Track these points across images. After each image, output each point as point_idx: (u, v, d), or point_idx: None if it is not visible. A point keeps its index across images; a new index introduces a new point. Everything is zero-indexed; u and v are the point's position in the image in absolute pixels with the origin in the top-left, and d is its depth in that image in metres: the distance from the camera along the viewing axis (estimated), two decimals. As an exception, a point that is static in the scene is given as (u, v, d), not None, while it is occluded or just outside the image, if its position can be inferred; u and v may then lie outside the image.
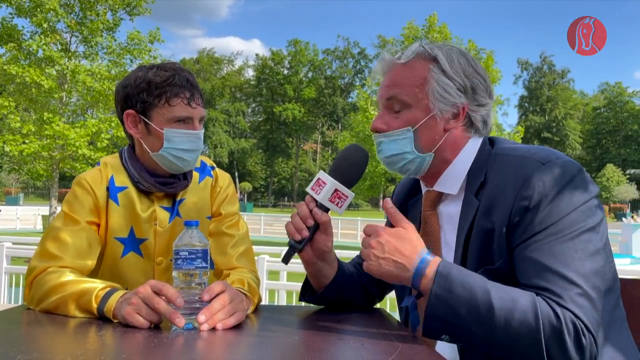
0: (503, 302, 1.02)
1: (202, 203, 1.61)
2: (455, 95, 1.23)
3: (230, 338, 1.10)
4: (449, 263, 1.10)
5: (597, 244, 1.08)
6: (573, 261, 1.05)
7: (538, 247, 1.07)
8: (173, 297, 1.11)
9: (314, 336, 1.15)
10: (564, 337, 0.99)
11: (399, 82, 1.26)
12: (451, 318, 1.04)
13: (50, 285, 1.29)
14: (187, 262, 1.13)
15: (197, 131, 1.50)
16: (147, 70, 1.48)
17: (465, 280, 1.05)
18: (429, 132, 1.25)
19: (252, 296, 1.37)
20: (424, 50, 1.26)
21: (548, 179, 1.09)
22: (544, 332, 1.00)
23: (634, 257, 14.11)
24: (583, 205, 1.09)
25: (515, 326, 1.01)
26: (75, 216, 1.46)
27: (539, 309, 1.01)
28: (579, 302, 1.02)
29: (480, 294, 1.03)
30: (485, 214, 1.16)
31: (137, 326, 1.12)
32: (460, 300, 1.04)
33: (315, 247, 1.32)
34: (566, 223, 1.07)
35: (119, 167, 1.55)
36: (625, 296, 1.45)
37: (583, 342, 1.00)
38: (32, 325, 1.21)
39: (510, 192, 1.12)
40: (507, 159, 1.18)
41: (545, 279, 1.05)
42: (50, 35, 14.47)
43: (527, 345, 1.01)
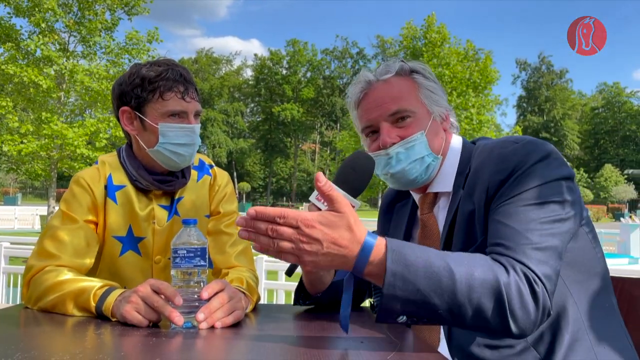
0: (461, 264, 0.96)
1: (201, 201, 1.61)
2: (443, 98, 1.34)
3: (228, 336, 1.09)
4: (397, 240, 0.99)
5: (562, 214, 1.09)
6: (531, 222, 1.07)
7: (502, 210, 1.11)
8: (172, 296, 1.11)
9: (313, 334, 1.15)
10: (520, 287, 0.97)
11: (396, 94, 1.29)
12: (411, 294, 0.94)
13: (48, 284, 1.29)
14: (186, 261, 1.12)
15: (192, 125, 1.49)
16: (141, 66, 1.49)
17: (419, 249, 0.98)
18: (435, 134, 1.31)
19: (250, 295, 1.36)
20: (402, 64, 1.33)
21: (522, 153, 1.14)
22: (504, 286, 0.97)
23: (632, 257, 14.12)
24: (554, 181, 1.12)
25: (477, 287, 0.95)
26: (73, 215, 1.45)
27: (494, 265, 1.00)
28: (530, 254, 1.02)
29: (437, 260, 0.96)
30: (467, 197, 1.21)
31: (135, 324, 1.12)
32: (419, 272, 0.94)
33: None
34: (535, 192, 1.10)
35: (117, 165, 1.54)
36: (625, 295, 1.46)
37: (537, 291, 0.98)
38: (30, 323, 1.21)
39: (486, 171, 1.18)
40: (486, 146, 1.25)
41: (501, 236, 1.07)
42: (49, 35, 14.46)
43: (493, 305, 0.95)
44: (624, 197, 55.03)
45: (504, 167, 1.14)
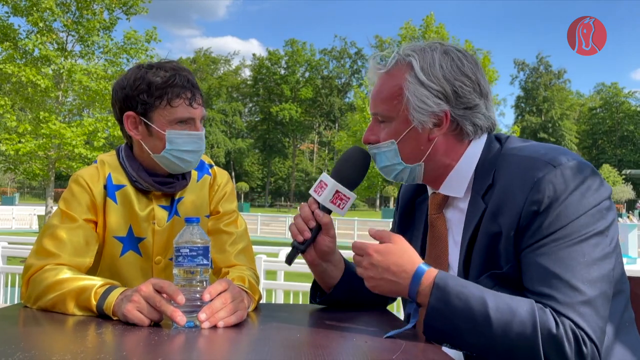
0: (500, 313, 1.00)
1: (201, 201, 1.59)
2: (433, 105, 1.18)
3: (231, 336, 1.09)
4: (446, 274, 1.07)
5: (606, 248, 1.05)
6: (579, 266, 1.02)
7: (544, 251, 1.05)
8: (174, 295, 1.10)
9: (316, 334, 1.14)
10: (564, 346, 0.97)
11: (379, 95, 1.25)
12: (448, 330, 1.03)
13: (48, 283, 1.28)
14: (188, 260, 1.11)
15: (200, 132, 1.48)
16: (145, 70, 1.45)
17: (462, 291, 1.03)
18: (412, 143, 1.22)
19: (252, 294, 1.36)
20: (401, 57, 1.23)
21: (558, 182, 1.06)
22: (542, 342, 0.97)
23: (630, 256, 14.15)
24: (593, 208, 1.06)
25: (512, 337, 0.99)
26: (72, 214, 1.44)
27: (537, 319, 0.99)
28: (581, 311, 0.99)
29: (476, 305, 1.01)
30: (492, 217, 1.13)
31: (137, 324, 1.11)
32: (456, 312, 1.02)
33: (317, 248, 1.32)
34: (575, 227, 1.04)
35: (116, 165, 1.53)
36: (631, 295, 1.44)
37: (584, 351, 0.98)
38: (29, 323, 1.20)
39: (519, 196, 1.08)
40: (515, 160, 1.14)
41: (548, 285, 1.02)
42: (47, 35, 14.41)
43: (526, 356, 0.99)
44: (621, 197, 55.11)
45: (539, 198, 1.06)
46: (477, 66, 1.22)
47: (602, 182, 1.10)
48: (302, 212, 1.28)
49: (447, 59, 1.20)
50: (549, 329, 0.98)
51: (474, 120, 1.21)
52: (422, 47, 1.23)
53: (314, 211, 1.27)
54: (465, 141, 1.23)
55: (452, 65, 1.19)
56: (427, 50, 1.21)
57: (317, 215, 1.27)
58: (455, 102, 1.19)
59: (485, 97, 1.22)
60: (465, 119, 1.20)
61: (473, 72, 1.21)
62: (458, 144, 1.23)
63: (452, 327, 1.03)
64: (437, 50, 1.21)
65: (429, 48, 1.22)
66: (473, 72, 1.21)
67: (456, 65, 1.20)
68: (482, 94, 1.21)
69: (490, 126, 1.25)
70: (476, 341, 1.02)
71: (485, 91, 1.22)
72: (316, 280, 1.44)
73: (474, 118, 1.21)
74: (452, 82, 1.18)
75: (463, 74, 1.19)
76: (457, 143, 1.23)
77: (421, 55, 1.21)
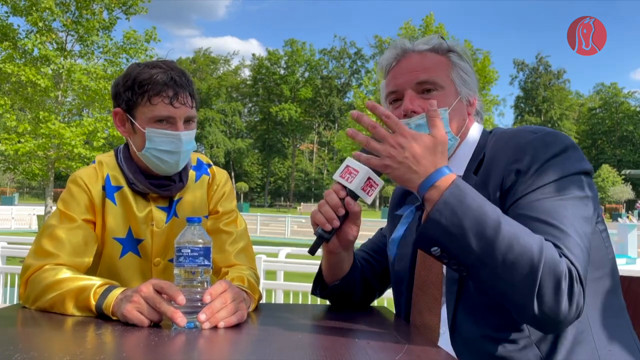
0: (511, 227, 0.99)
1: (200, 202, 1.58)
2: (474, 82, 1.30)
3: (231, 336, 1.07)
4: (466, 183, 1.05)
5: (585, 212, 1.07)
6: (565, 217, 1.04)
7: (529, 204, 1.07)
8: (174, 295, 1.08)
9: (318, 335, 1.13)
10: (562, 277, 0.97)
11: (428, 66, 1.26)
12: (453, 227, 0.99)
13: (47, 283, 1.27)
14: (189, 260, 1.10)
15: (178, 132, 1.43)
16: (136, 67, 1.45)
17: (480, 197, 1.03)
18: (458, 115, 1.27)
19: (252, 294, 1.34)
20: (442, 41, 1.30)
21: (539, 145, 1.11)
22: (544, 267, 0.96)
23: (629, 257, 14.14)
24: (574, 175, 1.10)
25: (516, 251, 0.96)
26: (71, 214, 1.43)
27: (544, 243, 0.99)
28: (575, 252, 1.00)
29: (491, 212, 1.00)
30: (482, 186, 1.16)
31: (137, 324, 1.09)
32: (468, 212, 0.99)
33: (342, 237, 1.27)
34: (556, 186, 1.07)
35: (115, 166, 1.52)
36: (631, 294, 1.44)
37: (575, 289, 0.98)
38: (28, 324, 1.19)
39: (502, 159, 1.14)
40: (503, 135, 1.22)
41: (541, 230, 1.03)
42: (46, 34, 14.38)
43: (523, 275, 0.96)
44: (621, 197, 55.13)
45: (520, 157, 1.11)
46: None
47: (583, 157, 1.15)
48: (330, 199, 1.19)
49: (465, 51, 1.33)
50: (553, 255, 0.98)
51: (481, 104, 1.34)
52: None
53: (344, 198, 1.18)
54: (473, 121, 1.32)
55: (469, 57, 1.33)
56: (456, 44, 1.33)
57: (349, 203, 1.18)
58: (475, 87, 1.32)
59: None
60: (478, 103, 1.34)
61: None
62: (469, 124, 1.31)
63: (457, 225, 0.99)
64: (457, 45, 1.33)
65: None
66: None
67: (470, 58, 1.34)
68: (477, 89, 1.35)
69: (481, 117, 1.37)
70: (476, 246, 0.98)
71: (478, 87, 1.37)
72: (322, 273, 1.40)
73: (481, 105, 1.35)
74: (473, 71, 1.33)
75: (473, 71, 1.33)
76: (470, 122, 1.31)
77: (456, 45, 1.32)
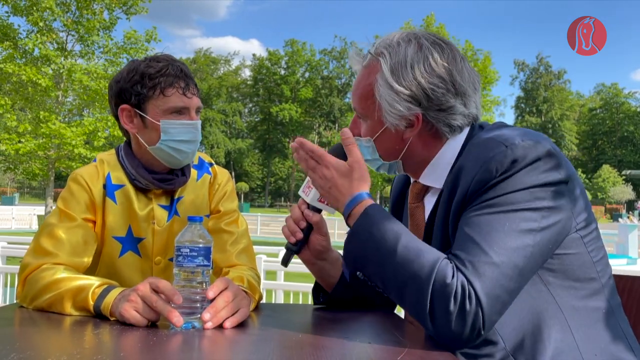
0: (407, 250, 1.02)
1: (201, 201, 1.57)
2: (403, 109, 1.15)
3: (231, 336, 1.06)
4: (380, 208, 1.11)
5: (533, 224, 1.00)
6: (495, 233, 0.99)
7: (470, 218, 1.04)
8: (171, 295, 1.07)
9: (319, 335, 1.12)
10: (450, 298, 0.95)
11: (356, 92, 1.24)
12: (359, 256, 1.09)
13: (45, 282, 1.25)
14: (189, 260, 1.09)
15: (195, 121, 1.47)
16: (139, 62, 1.46)
17: (384, 223, 1.07)
18: (387, 142, 1.22)
19: (252, 293, 1.33)
20: (373, 55, 1.20)
21: (507, 161, 1.02)
22: (433, 287, 0.97)
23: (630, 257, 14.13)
24: (536, 187, 1.02)
25: (407, 276, 1.00)
26: (70, 213, 1.42)
27: (437, 267, 0.98)
28: (480, 270, 0.96)
29: (390, 238, 1.04)
30: (447, 198, 1.12)
31: (134, 324, 1.08)
32: (370, 240, 1.06)
33: (312, 247, 1.33)
34: (507, 199, 1.01)
35: (116, 164, 1.51)
36: (635, 294, 1.43)
37: (466, 308, 0.95)
38: (25, 323, 1.18)
39: (469, 175, 1.06)
40: (477, 142, 1.11)
41: (461, 247, 1.01)
42: (47, 34, 14.39)
43: (414, 298, 1.00)
44: (621, 197, 55.12)
45: (485, 177, 1.04)
46: (454, 61, 1.16)
47: (557, 165, 1.05)
48: (293, 213, 1.29)
49: (420, 57, 1.14)
50: (444, 278, 0.96)
51: (449, 122, 1.17)
52: (397, 40, 1.18)
53: (303, 211, 1.27)
54: (443, 139, 1.20)
55: (425, 65, 1.14)
56: (400, 45, 1.16)
57: (307, 215, 1.27)
58: (427, 104, 1.15)
59: (463, 95, 1.16)
60: (439, 120, 1.17)
61: (448, 70, 1.14)
62: (434, 141, 1.21)
63: (362, 253, 1.08)
64: (410, 45, 1.16)
65: (403, 42, 1.17)
66: (448, 70, 1.14)
67: (429, 65, 1.14)
68: (457, 93, 1.15)
69: (470, 121, 1.21)
70: (377, 270, 1.06)
71: (462, 89, 1.16)
72: (317, 281, 1.43)
73: (449, 119, 1.17)
74: (423, 84, 1.13)
75: (436, 75, 1.14)
76: (433, 140, 1.21)
77: (392, 53, 1.16)
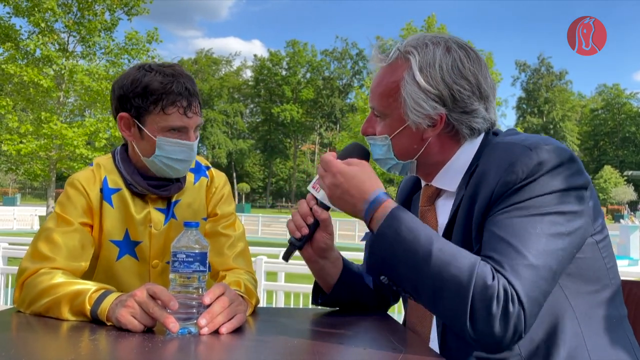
0: (443, 254, 1.00)
1: (198, 204, 1.57)
2: (429, 108, 1.16)
3: (227, 342, 1.06)
4: (405, 209, 1.10)
5: (562, 228, 1.02)
6: (528, 235, 1.00)
7: (500, 220, 1.04)
8: (167, 301, 1.07)
9: (314, 340, 1.12)
10: (492, 300, 0.95)
11: (377, 90, 1.24)
12: (388, 258, 1.06)
13: (42, 287, 1.25)
14: (185, 265, 1.09)
15: (191, 142, 1.45)
16: (144, 72, 1.41)
17: (414, 226, 1.05)
18: (405, 141, 1.22)
19: (249, 298, 1.33)
20: (401, 53, 1.20)
21: (533, 163, 1.04)
22: (474, 290, 0.96)
23: (632, 258, 14.12)
24: (561, 191, 1.03)
25: (446, 278, 0.98)
26: (68, 217, 1.42)
27: (476, 269, 0.98)
28: (520, 272, 0.97)
29: (423, 241, 1.02)
30: (469, 200, 1.12)
31: (130, 329, 1.08)
32: (402, 242, 1.04)
33: (315, 245, 1.31)
34: (535, 202, 1.03)
35: (112, 168, 1.51)
36: (633, 298, 1.43)
37: (510, 310, 0.95)
38: (22, 328, 1.18)
39: (493, 178, 1.07)
40: (498, 147, 1.13)
41: (495, 249, 1.01)
42: (48, 35, 14.43)
43: (453, 301, 0.98)
44: (623, 198, 55.07)
45: (511, 179, 1.05)
46: (479, 66, 1.18)
47: (579, 170, 1.07)
48: (300, 208, 1.27)
49: (448, 58, 1.16)
50: (484, 279, 0.96)
51: (471, 124, 1.18)
52: (425, 42, 1.19)
53: (312, 207, 1.26)
54: (461, 141, 1.21)
55: (453, 67, 1.15)
56: (429, 47, 1.17)
57: (316, 211, 1.25)
58: (452, 105, 1.16)
59: (486, 99, 1.19)
60: (461, 122, 1.18)
61: (474, 74, 1.17)
62: (452, 144, 1.21)
63: (393, 256, 1.05)
64: (439, 47, 1.17)
65: (432, 43, 1.18)
66: (474, 74, 1.17)
67: (457, 67, 1.15)
68: (481, 97, 1.18)
69: (489, 126, 1.23)
70: (410, 275, 1.03)
71: (485, 94, 1.18)
72: (317, 281, 1.42)
73: (471, 122, 1.18)
74: (450, 85, 1.15)
75: (463, 77, 1.16)
76: (452, 143, 1.21)
77: (422, 53, 1.17)
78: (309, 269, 1.38)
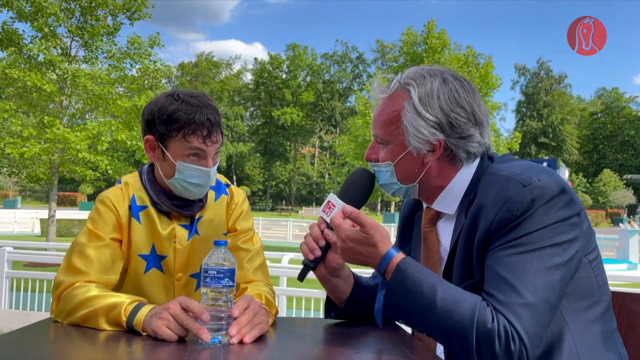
0: (445, 302, 1.12)
1: (219, 220, 1.68)
2: (428, 134, 1.27)
3: (254, 351, 1.16)
4: (410, 260, 1.21)
5: (558, 259, 1.12)
6: (526, 273, 1.10)
7: (498, 257, 1.15)
8: (199, 314, 1.17)
9: (332, 349, 1.22)
10: (494, 341, 1.06)
11: (379, 119, 1.34)
12: (400, 308, 1.19)
13: (79, 300, 1.36)
14: (215, 281, 1.19)
15: (209, 168, 1.55)
16: (172, 100, 1.52)
17: (418, 277, 1.17)
18: (407, 165, 1.33)
19: (270, 309, 1.44)
20: (401, 85, 1.31)
21: (527, 201, 1.14)
22: (477, 334, 1.08)
23: (630, 262, 14.18)
24: (555, 223, 1.14)
25: (450, 324, 1.11)
26: (99, 233, 1.52)
27: (477, 313, 1.09)
28: (518, 312, 1.07)
29: (426, 291, 1.15)
30: (468, 230, 1.23)
31: (165, 339, 1.18)
32: (408, 294, 1.17)
33: (327, 265, 1.40)
34: (532, 237, 1.13)
35: (139, 186, 1.62)
36: (625, 310, 1.51)
37: (511, 349, 1.06)
38: (60, 339, 1.26)
39: (491, 212, 1.18)
40: (494, 179, 1.22)
41: (495, 287, 1.12)
42: (51, 40, 14.50)
43: (459, 344, 1.10)
44: (622, 202, 55.12)
45: (507, 217, 1.15)
46: (474, 95, 1.30)
47: (570, 200, 1.17)
48: (312, 231, 1.37)
49: (445, 89, 1.28)
50: (485, 323, 1.08)
51: (467, 148, 1.30)
52: (423, 74, 1.31)
53: (323, 230, 1.35)
54: (458, 165, 1.32)
55: (450, 96, 1.27)
56: (427, 78, 1.29)
57: (327, 234, 1.35)
58: (450, 131, 1.27)
59: (480, 126, 1.30)
60: (458, 147, 1.29)
61: (469, 102, 1.28)
62: (451, 167, 1.32)
63: (403, 306, 1.18)
64: (436, 79, 1.29)
65: (429, 76, 1.30)
66: (469, 102, 1.28)
67: (453, 97, 1.27)
68: (476, 123, 1.29)
69: (484, 151, 1.34)
70: (421, 321, 1.17)
71: (480, 120, 1.30)
72: (329, 296, 1.52)
73: (467, 146, 1.29)
74: (448, 113, 1.26)
75: (459, 106, 1.27)
76: (450, 166, 1.32)
77: (420, 84, 1.29)
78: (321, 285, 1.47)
